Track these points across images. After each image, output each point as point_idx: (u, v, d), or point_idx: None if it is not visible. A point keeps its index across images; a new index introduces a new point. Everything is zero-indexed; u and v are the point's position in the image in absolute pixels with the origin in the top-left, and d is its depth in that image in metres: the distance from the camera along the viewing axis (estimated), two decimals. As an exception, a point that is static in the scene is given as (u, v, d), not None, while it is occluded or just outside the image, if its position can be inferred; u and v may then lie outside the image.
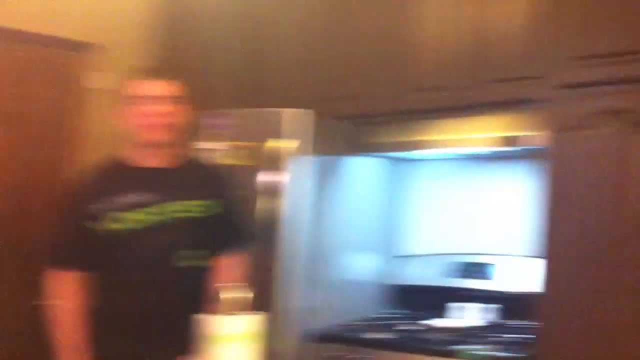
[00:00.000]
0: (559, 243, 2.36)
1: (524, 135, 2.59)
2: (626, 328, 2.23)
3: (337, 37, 3.08)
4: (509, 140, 2.65)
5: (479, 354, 2.43)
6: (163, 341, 2.16)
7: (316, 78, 3.10)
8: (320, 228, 2.89)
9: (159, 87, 2.24)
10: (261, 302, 2.64)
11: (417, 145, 2.90)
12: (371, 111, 2.97)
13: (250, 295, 1.67)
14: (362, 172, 3.14)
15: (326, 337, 2.78)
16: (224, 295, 1.69)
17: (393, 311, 3.18)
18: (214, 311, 1.71)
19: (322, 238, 2.90)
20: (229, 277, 2.23)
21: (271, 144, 2.76)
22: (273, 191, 2.75)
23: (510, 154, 2.85)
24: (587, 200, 2.31)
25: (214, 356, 1.65)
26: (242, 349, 1.64)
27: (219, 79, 3.38)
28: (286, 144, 2.75)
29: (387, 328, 2.84)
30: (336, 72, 3.06)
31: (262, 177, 2.77)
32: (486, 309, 2.92)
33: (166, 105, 2.22)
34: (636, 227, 2.22)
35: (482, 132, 2.74)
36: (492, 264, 3.00)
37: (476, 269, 3.03)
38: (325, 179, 2.92)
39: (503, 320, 2.86)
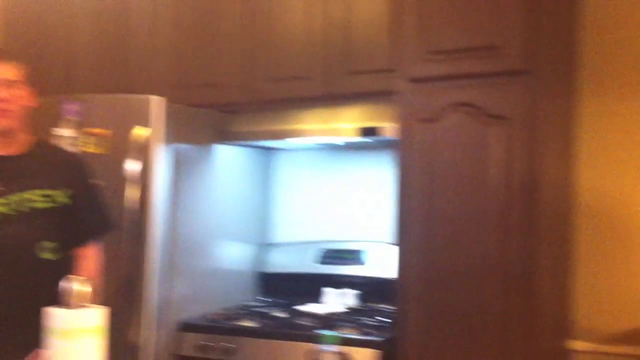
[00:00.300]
0: (410, 230, 2.46)
1: (382, 126, 2.68)
2: (474, 311, 2.35)
3: (204, 24, 3.04)
4: (370, 131, 2.73)
5: (341, 337, 2.49)
6: (15, 337, 2.09)
7: (181, 65, 3.07)
8: (185, 217, 2.87)
9: None
10: (125, 293, 2.68)
11: (283, 135, 2.94)
12: (236, 100, 2.97)
13: (92, 288, 1.65)
14: (229, 161, 3.14)
15: (194, 327, 2.78)
16: (70, 288, 1.65)
17: (264, 299, 3.22)
18: (59, 305, 1.67)
19: (188, 227, 2.88)
20: (83, 270, 2.18)
21: (127, 131, 2.70)
22: (131, 180, 2.70)
23: (372, 144, 2.93)
24: (436, 190, 2.42)
25: (57, 351, 1.62)
26: (85, 343, 1.62)
27: (80, 63, 3.28)
28: (143, 132, 2.70)
29: (257, 315, 2.87)
30: (201, 60, 3.04)
31: (119, 166, 2.70)
32: (355, 294, 3.01)
33: (4, 90, 2.10)
34: (483, 215, 2.35)
35: (345, 122, 2.81)
36: (361, 251, 3.08)
37: (345, 256, 3.11)
38: (187, 167, 2.89)
39: (371, 305, 2.96)
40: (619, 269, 2.65)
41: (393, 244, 2.55)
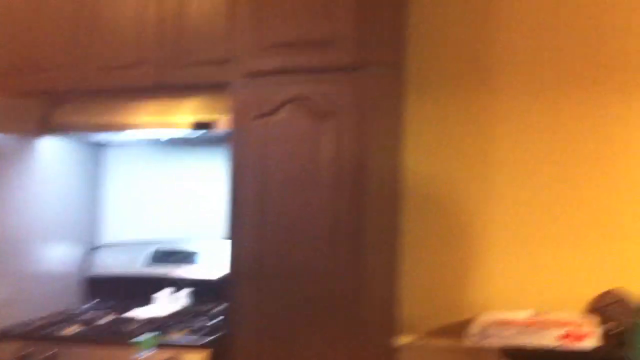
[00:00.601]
0: (244, 225, 2.42)
1: (217, 120, 2.62)
2: (306, 307, 2.34)
3: (30, 8, 2.83)
4: (204, 124, 2.65)
5: (166, 340, 2.40)
6: None
7: (7, 51, 2.83)
8: (4, 216, 2.66)
9: None
10: None
11: (112, 127, 2.78)
12: (63, 88, 2.77)
13: None
14: (54, 155, 2.95)
15: (12, 335, 2.56)
16: None
17: (92, 303, 3.04)
18: None
19: (7, 227, 2.68)
20: None
21: None
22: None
23: (206, 138, 2.85)
24: (269, 184, 2.39)
25: None
26: None
27: None
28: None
29: (82, 321, 2.70)
30: (22, 44, 2.82)
31: None
32: (188, 295, 2.91)
33: None
34: (314, 209, 2.34)
35: (179, 115, 2.71)
36: (194, 250, 2.99)
37: (179, 256, 3.01)
38: (7, 161, 2.69)
39: (205, 305, 2.87)
40: (444, 260, 2.75)
41: (227, 239, 2.49)
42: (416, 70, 2.78)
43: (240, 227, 2.42)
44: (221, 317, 2.58)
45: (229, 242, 2.44)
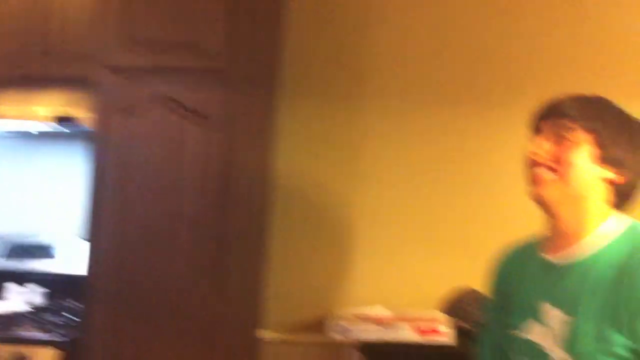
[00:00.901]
0: (103, 225, 2.37)
1: (80, 115, 2.53)
2: (166, 310, 2.32)
3: None
4: (65, 119, 2.56)
5: (17, 337, 2.34)
6: None
7: None
8: None
9: None
10: None
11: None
12: None
13: None
14: None
15: None
16: None
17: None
18: None
19: None
20: None
21: None
22: None
23: (68, 133, 2.75)
24: (131, 185, 2.35)
25: None
26: None
27: None
28: None
29: None
30: None
31: None
32: (42, 291, 2.81)
33: None
34: (178, 211, 2.32)
35: (38, 108, 2.59)
36: (50, 245, 2.89)
37: (33, 250, 2.89)
38: None
39: (60, 302, 2.77)
40: (310, 259, 2.82)
41: (84, 239, 2.42)
42: (290, 75, 2.82)
43: (99, 228, 2.37)
44: (77, 318, 2.51)
45: (87, 242, 2.38)
